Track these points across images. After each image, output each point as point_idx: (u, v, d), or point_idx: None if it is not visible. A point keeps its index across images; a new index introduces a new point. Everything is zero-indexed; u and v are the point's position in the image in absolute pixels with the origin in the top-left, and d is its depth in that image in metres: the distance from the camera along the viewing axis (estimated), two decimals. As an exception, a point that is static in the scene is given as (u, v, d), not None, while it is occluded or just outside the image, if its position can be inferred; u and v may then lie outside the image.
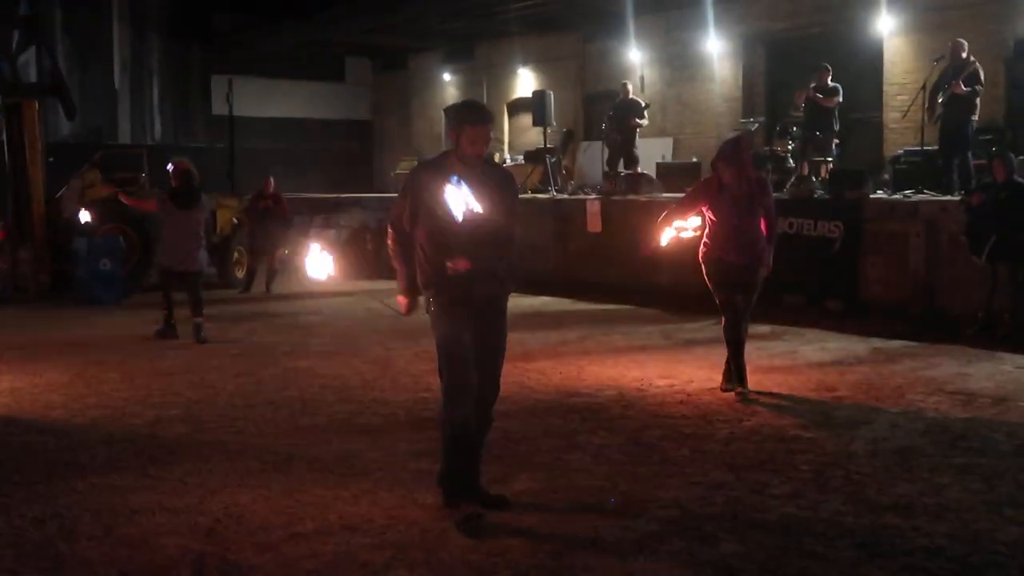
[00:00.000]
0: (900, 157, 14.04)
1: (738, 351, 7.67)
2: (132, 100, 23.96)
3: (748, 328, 7.88)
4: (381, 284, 16.07)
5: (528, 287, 12.46)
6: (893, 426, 6.74)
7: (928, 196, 12.24)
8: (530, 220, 15.01)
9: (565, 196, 17.18)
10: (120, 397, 7.95)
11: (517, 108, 23.12)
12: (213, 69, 25.59)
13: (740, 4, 18.40)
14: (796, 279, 11.75)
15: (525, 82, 22.90)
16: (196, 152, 19.25)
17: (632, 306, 12.82)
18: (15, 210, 14.79)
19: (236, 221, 16.24)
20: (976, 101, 12.44)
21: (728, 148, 7.70)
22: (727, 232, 7.49)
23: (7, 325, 11.78)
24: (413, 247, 5.08)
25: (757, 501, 5.23)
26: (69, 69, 19.50)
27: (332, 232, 18.91)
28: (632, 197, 15.45)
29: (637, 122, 16.63)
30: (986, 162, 11.36)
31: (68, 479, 5.75)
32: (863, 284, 12.01)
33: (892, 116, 16.12)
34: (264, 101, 25.98)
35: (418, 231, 5.02)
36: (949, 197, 11.86)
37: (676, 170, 17.14)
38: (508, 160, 20.80)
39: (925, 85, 13.04)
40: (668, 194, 15.01)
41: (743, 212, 7.46)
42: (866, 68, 16.63)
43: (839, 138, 14.43)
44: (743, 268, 7.52)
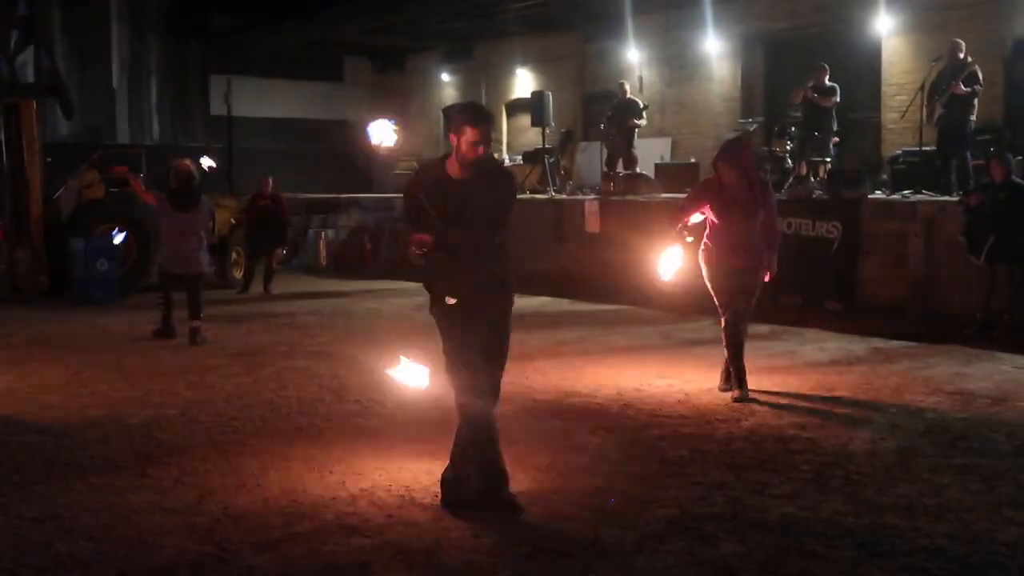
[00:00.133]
0: (898, 157, 14.05)
1: (738, 353, 7.63)
2: (130, 100, 23.92)
3: (747, 329, 7.87)
4: (380, 284, 16.10)
5: (526, 287, 12.43)
6: (892, 426, 6.74)
7: (926, 196, 12.26)
8: (528, 220, 15.00)
9: (563, 196, 17.19)
10: (118, 397, 7.94)
11: (516, 108, 23.12)
12: (212, 69, 25.56)
13: (739, 4, 18.41)
14: (794, 279, 11.74)
15: (524, 82, 22.90)
16: (196, 152, 19.20)
17: (631, 306, 12.81)
18: (13, 210, 14.77)
19: (234, 221, 16.22)
20: (975, 101, 12.45)
21: (730, 148, 7.68)
22: (727, 233, 7.45)
23: (5, 325, 11.75)
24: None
25: (757, 501, 5.22)
26: (67, 69, 19.45)
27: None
28: (631, 197, 15.46)
29: (635, 122, 16.63)
30: (984, 162, 11.37)
31: (66, 479, 5.74)
32: (862, 284, 12.03)
33: (890, 116, 16.12)
34: (263, 101, 25.95)
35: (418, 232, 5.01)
36: (947, 197, 11.87)
37: (675, 170, 17.15)
38: (507, 161, 20.79)
39: (923, 85, 13.05)
40: (666, 194, 15.02)
41: (744, 213, 7.42)
42: (864, 68, 16.65)
43: (837, 138, 14.43)
44: (743, 271, 7.47)
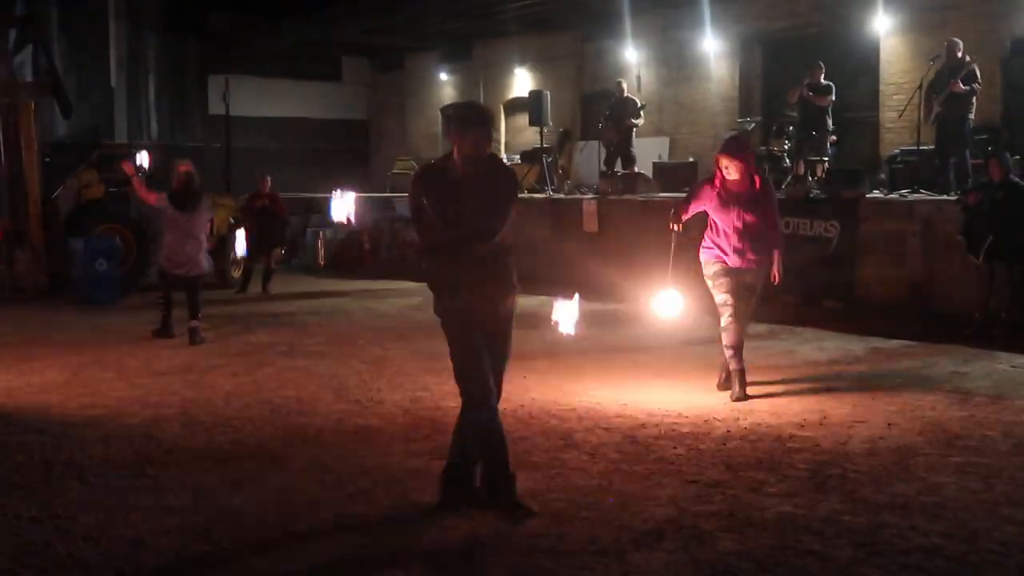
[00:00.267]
0: (896, 157, 14.07)
1: (736, 353, 7.60)
2: (128, 99, 23.90)
3: (748, 329, 7.83)
4: (378, 284, 16.10)
5: (524, 287, 12.40)
6: (890, 425, 6.74)
7: (924, 196, 12.27)
8: (526, 220, 15.00)
9: (561, 196, 17.18)
10: (117, 397, 7.94)
11: (514, 108, 23.12)
12: (210, 68, 25.56)
13: (737, 4, 18.41)
14: (793, 279, 11.72)
15: (522, 82, 22.90)
16: (196, 152, 19.25)
17: (628, 306, 12.80)
18: (12, 210, 14.77)
19: (233, 221, 16.22)
20: (973, 100, 12.47)
21: (730, 143, 7.65)
22: (726, 232, 7.42)
23: (5, 325, 11.75)
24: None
25: (754, 500, 5.23)
26: (65, 68, 19.44)
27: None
28: (628, 197, 15.46)
29: (632, 122, 16.63)
30: (982, 162, 11.38)
31: (65, 479, 5.75)
32: (860, 284, 12.03)
33: (888, 116, 16.13)
34: (261, 100, 25.96)
35: (422, 237, 5.03)
36: (946, 197, 11.87)
37: (673, 170, 17.15)
38: (504, 160, 20.79)
39: (921, 85, 13.06)
40: (665, 194, 15.02)
41: (743, 211, 7.37)
42: (862, 68, 16.66)
43: (835, 137, 14.44)
44: (742, 269, 7.44)
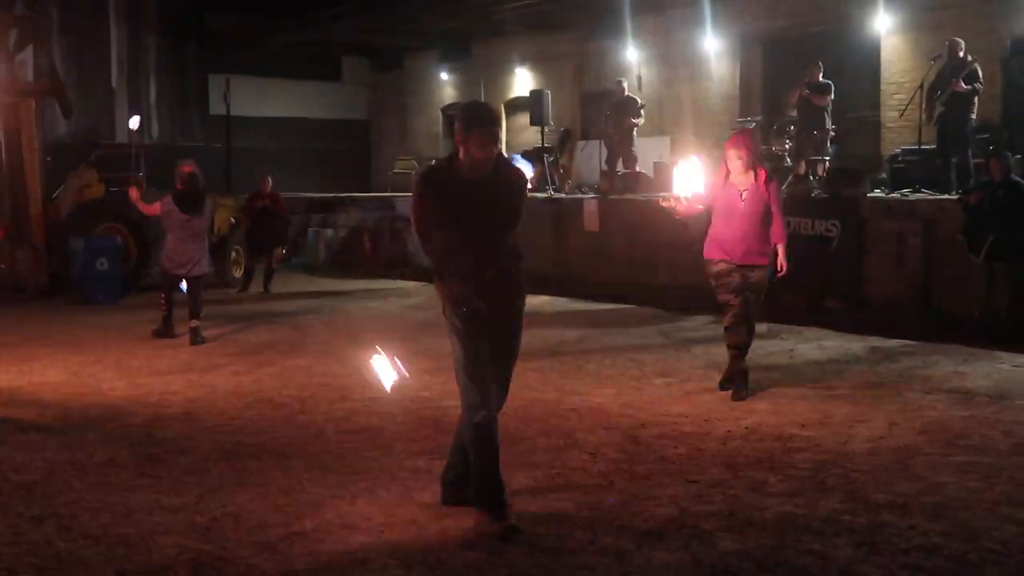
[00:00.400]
0: (897, 156, 14.06)
1: (739, 354, 7.58)
2: (129, 100, 23.91)
3: (755, 329, 7.76)
4: (379, 283, 16.11)
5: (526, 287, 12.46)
6: (891, 424, 6.74)
7: (926, 195, 12.26)
8: (528, 220, 14.96)
9: (563, 195, 17.19)
10: (118, 396, 7.95)
11: (514, 107, 23.13)
12: (210, 68, 25.58)
13: (737, 3, 18.42)
14: (794, 278, 11.71)
15: (522, 81, 22.91)
16: (196, 152, 19.23)
17: (630, 305, 12.83)
18: (13, 210, 14.78)
19: (234, 221, 16.23)
20: (975, 99, 12.47)
21: (739, 135, 7.62)
22: (731, 228, 7.37)
23: (5, 324, 11.77)
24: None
25: (755, 499, 5.23)
26: (66, 69, 19.45)
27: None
28: (629, 196, 15.47)
29: (633, 121, 16.63)
30: (983, 161, 11.38)
31: (66, 478, 5.75)
32: (861, 283, 12.02)
33: (889, 115, 16.12)
34: (261, 101, 25.98)
35: (430, 239, 4.95)
36: (947, 196, 11.87)
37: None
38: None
39: (922, 84, 13.05)
40: (665, 193, 15.01)
41: (748, 206, 7.33)
42: (863, 67, 16.66)
43: (835, 136, 14.44)
44: (746, 266, 7.39)
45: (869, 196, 12.63)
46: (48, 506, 5.25)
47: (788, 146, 14.99)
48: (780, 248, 7.48)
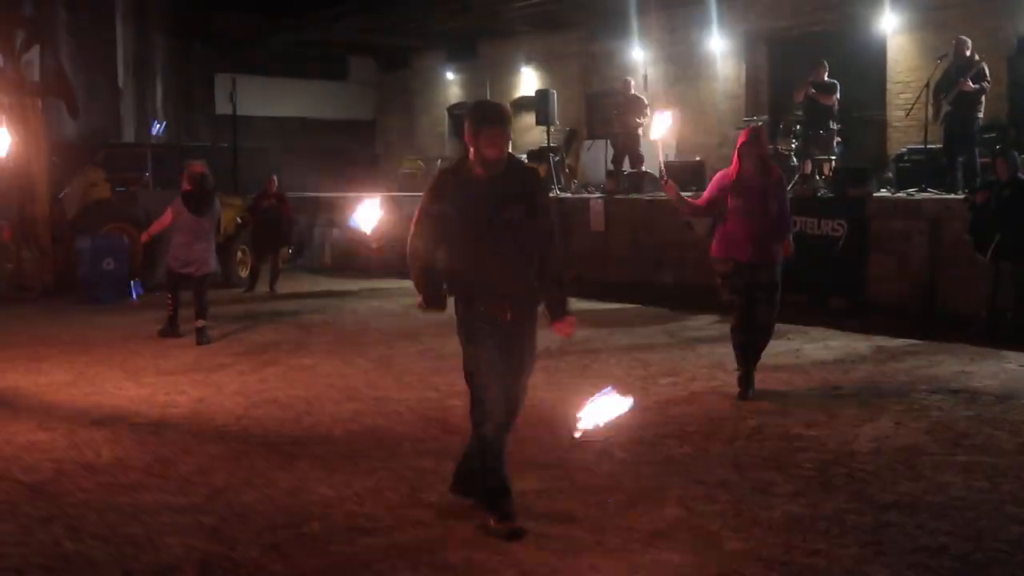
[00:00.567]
0: (903, 155, 14.04)
1: (744, 354, 7.57)
2: (136, 100, 23.96)
3: (772, 328, 7.64)
4: (385, 283, 16.11)
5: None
6: (896, 424, 6.75)
7: (932, 194, 12.24)
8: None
9: (568, 195, 17.18)
10: (124, 396, 7.97)
11: (520, 107, 23.07)
12: (216, 68, 25.58)
13: (743, 2, 18.39)
14: (799, 277, 11.72)
15: (528, 81, 22.90)
16: (203, 151, 19.25)
17: (636, 304, 12.82)
18: (20, 210, 14.81)
19: (240, 221, 16.25)
20: (982, 99, 12.44)
21: (753, 133, 7.62)
22: (741, 226, 7.33)
23: (12, 324, 11.80)
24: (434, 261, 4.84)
25: (761, 499, 5.24)
26: (73, 69, 19.48)
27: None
28: (635, 196, 15.46)
29: (638, 120, 16.61)
30: (990, 160, 11.36)
31: (74, 478, 5.77)
32: (867, 282, 12.01)
33: (896, 114, 16.09)
34: (267, 100, 25.98)
35: (443, 243, 4.82)
36: (953, 195, 11.85)
37: (679, 169, 17.11)
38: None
39: (929, 83, 13.03)
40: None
41: (758, 204, 7.29)
42: (869, 66, 16.61)
43: (841, 135, 14.42)
44: (755, 265, 7.35)
45: (875, 195, 12.61)
46: (56, 506, 5.27)
47: (794, 145, 14.96)
48: (787, 239, 7.50)
